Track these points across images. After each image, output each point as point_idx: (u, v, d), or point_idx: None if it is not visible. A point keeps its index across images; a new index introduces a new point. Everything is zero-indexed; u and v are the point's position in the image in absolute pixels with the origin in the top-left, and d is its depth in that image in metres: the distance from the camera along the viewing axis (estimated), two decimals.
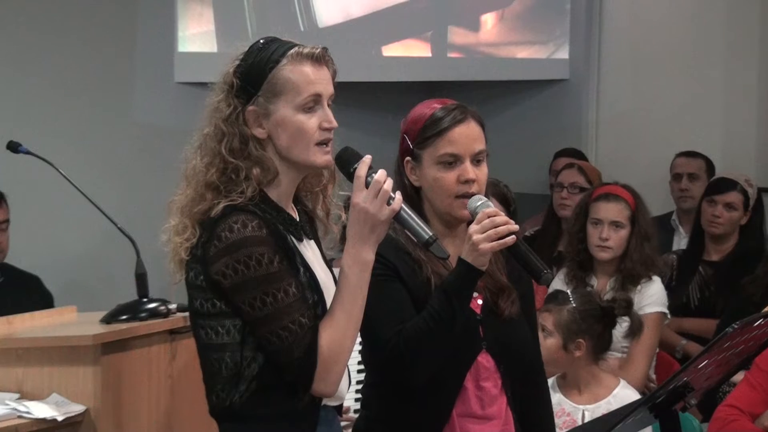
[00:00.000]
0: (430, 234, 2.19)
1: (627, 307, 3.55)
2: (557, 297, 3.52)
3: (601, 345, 3.46)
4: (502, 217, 2.36)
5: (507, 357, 2.50)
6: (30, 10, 4.97)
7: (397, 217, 2.17)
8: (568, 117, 6.08)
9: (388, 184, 2.15)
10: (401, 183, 2.51)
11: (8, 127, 4.52)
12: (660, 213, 5.19)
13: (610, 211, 3.98)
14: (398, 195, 2.17)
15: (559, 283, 4.08)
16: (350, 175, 2.18)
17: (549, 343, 3.37)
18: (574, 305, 3.44)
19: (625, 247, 3.95)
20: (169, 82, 5.15)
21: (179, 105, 4.99)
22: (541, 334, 3.34)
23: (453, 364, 2.44)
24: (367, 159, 2.18)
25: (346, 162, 2.21)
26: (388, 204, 2.15)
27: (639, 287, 3.92)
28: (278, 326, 2.10)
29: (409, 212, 2.19)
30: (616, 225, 3.96)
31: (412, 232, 2.20)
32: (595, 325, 3.43)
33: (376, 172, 2.16)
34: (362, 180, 2.15)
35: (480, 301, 2.51)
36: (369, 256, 2.16)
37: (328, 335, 2.13)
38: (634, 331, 3.72)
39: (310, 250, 2.25)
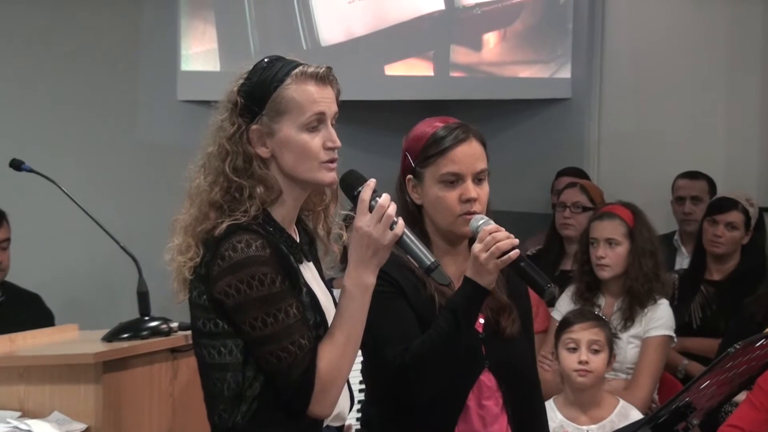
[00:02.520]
0: (432, 260, 2.19)
1: None
2: (585, 314, 3.54)
3: None
4: (503, 233, 2.37)
5: (509, 376, 2.51)
6: (34, 28, 4.99)
7: (400, 242, 2.18)
8: (570, 136, 6.08)
9: (392, 208, 2.15)
10: (403, 201, 2.51)
11: (11, 144, 4.53)
12: (662, 232, 5.18)
13: (604, 229, 3.99)
14: (401, 220, 2.17)
15: (566, 302, 4.08)
16: (354, 198, 2.19)
17: (602, 359, 3.42)
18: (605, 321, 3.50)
19: (624, 264, 3.96)
20: (172, 100, 5.16)
21: (182, 123, 5.00)
22: (585, 350, 3.37)
23: (456, 382, 2.44)
24: (372, 183, 2.18)
25: (350, 185, 2.21)
26: (391, 229, 2.15)
27: (646, 310, 3.92)
28: (278, 347, 2.10)
29: (412, 237, 2.19)
30: (610, 243, 3.97)
31: (414, 257, 2.20)
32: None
33: (380, 196, 2.16)
34: (366, 204, 2.16)
35: (482, 320, 2.51)
36: (370, 279, 2.16)
37: (326, 357, 2.13)
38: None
39: (309, 272, 2.26)
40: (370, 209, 2.15)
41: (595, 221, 4.07)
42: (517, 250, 2.35)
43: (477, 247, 2.36)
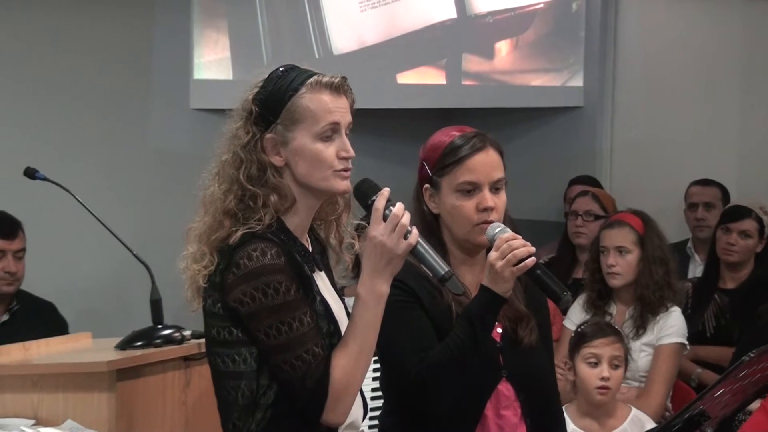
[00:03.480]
0: (446, 269, 2.19)
1: None
2: (604, 328, 3.54)
3: None
4: (520, 240, 2.37)
5: (527, 385, 2.50)
6: (46, 35, 5.00)
7: (414, 251, 2.18)
8: (582, 144, 6.08)
9: (406, 218, 2.16)
10: (420, 210, 2.51)
11: (25, 153, 4.54)
12: (675, 240, 5.17)
13: (613, 237, 4.00)
14: (415, 230, 2.17)
15: (578, 311, 4.08)
16: (368, 207, 2.19)
17: (621, 374, 3.45)
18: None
19: (635, 272, 3.95)
20: (185, 108, 5.17)
21: (195, 131, 5.01)
22: (607, 366, 3.37)
23: (474, 392, 2.44)
24: (386, 191, 2.19)
25: (364, 194, 2.21)
26: (405, 238, 2.15)
27: (658, 318, 3.91)
28: (292, 355, 2.11)
29: (426, 247, 2.20)
30: (620, 250, 3.97)
31: (428, 266, 2.20)
32: None
33: (394, 205, 2.16)
34: (380, 213, 2.16)
35: (500, 329, 2.51)
36: (384, 288, 2.16)
37: (340, 366, 2.13)
38: None
39: (322, 281, 2.26)
40: (384, 218, 2.15)
41: (605, 229, 4.07)
42: (533, 258, 2.35)
43: (493, 255, 2.36)
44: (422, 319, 2.43)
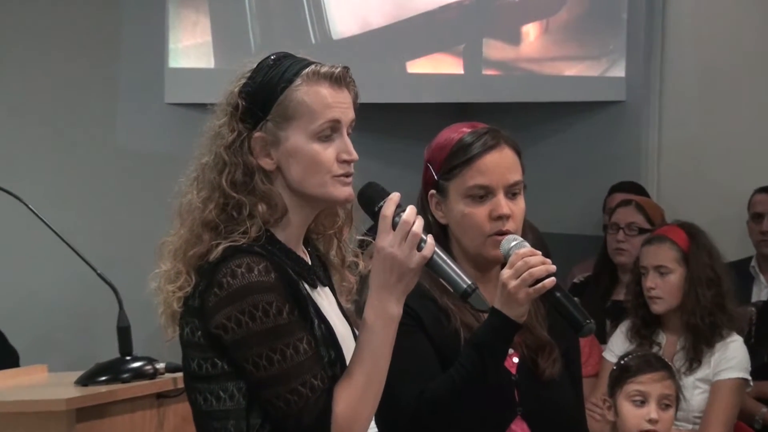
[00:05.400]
0: (469, 283, 2.18)
1: None
2: (651, 361, 3.54)
3: None
4: (538, 257, 2.37)
5: (546, 425, 2.50)
6: None
7: (430, 263, 2.18)
8: (624, 145, 6.09)
9: (419, 225, 2.16)
10: (425, 220, 2.51)
11: None
12: (736, 258, 5.17)
13: (652, 255, 4.01)
14: (430, 238, 2.17)
15: (620, 340, 4.09)
16: (375, 215, 2.19)
17: (671, 416, 3.45)
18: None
19: (679, 295, 3.96)
20: (158, 103, 5.19)
21: (170, 129, 5.03)
22: (656, 407, 3.38)
23: (482, 431, 2.43)
24: (395, 196, 2.19)
25: (370, 200, 2.22)
26: (419, 249, 2.15)
27: (715, 349, 3.91)
28: (286, 389, 2.10)
29: (444, 257, 2.19)
30: (660, 271, 3.98)
31: (448, 280, 2.20)
32: None
33: (404, 211, 2.17)
34: (389, 221, 2.16)
35: (516, 360, 2.51)
36: (395, 309, 2.16)
37: (344, 400, 2.13)
38: None
39: (325, 299, 2.26)
40: (394, 227, 2.16)
41: (645, 246, 4.08)
42: (552, 279, 2.35)
43: (506, 272, 2.37)
44: (424, 345, 2.44)
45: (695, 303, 3.92)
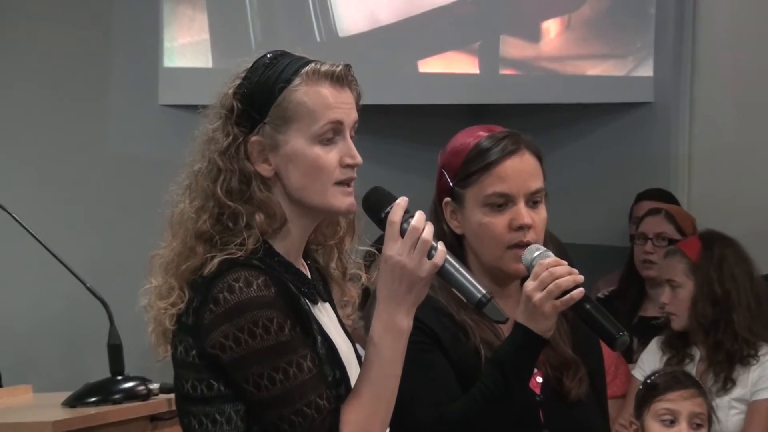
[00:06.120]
0: (484, 292, 2.19)
1: None
2: (680, 378, 3.54)
3: None
4: (564, 267, 2.38)
5: None
6: None
7: (441, 272, 2.18)
8: (653, 150, 6.08)
9: (428, 231, 2.16)
10: (439, 230, 2.52)
11: None
12: None
13: (665, 268, 4.04)
14: (441, 245, 2.17)
15: (652, 357, 4.09)
16: (381, 222, 2.19)
17: None
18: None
19: (689, 310, 3.97)
20: (152, 104, 5.20)
21: (165, 133, 5.03)
22: (686, 426, 3.37)
23: None
24: (402, 201, 2.19)
25: (375, 205, 2.22)
26: (429, 257, 2.15)
27: (753, 367, 3.91)
28: (290, 410, 2.10)
29: (456, 265, 2.19)
30: (672, 284, 4.00)
31: (461, 290, 2.20)
32: None
33: (413, 216, 2.17)
34: (396, 227, 2.16)
35: (540, 379, 2.52)
36: (405, 322, 2.16)
37: (352, 422, 2.13)
38: None
39: (325, 315, 2.26)
40: (402, 233, 2.16)
41: (663, 258, 4.10)
42: (581, 289, 2.36)
43: (530, 284, 2.37)
44: (442, 364, 2.44)
45: (703, 318, 3.94)
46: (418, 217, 2.17)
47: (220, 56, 5.22)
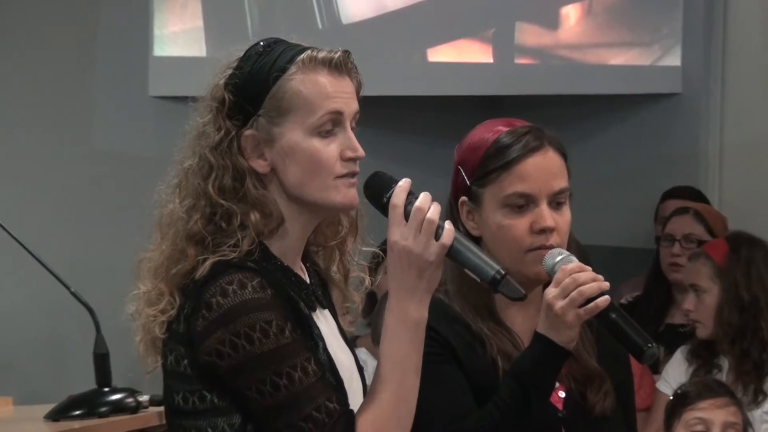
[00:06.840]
0: (498, 268, 2.18)
1: None
2: (713, 386, 3.55)
3: None
4: (588, 273, 2.38)
5: None
6: None
7: (451, 252, 2.17)
8: (680, 144, 6.08)
9: (434, 211, 2.15)
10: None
11: None
12: None
13: (689, 272, 4.06)
14: (448, 224, 2.17)
15: (678, 368, 4.10)
16: (384, 208, 2.19)
17: None
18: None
19: (715, 317, 3.98)
20: (141, 96, 5.20)
21: (155, 126, 5.05)
22: None
23: None
24: (405, 183, 2.19)
25: (377, 190, 2.22)
26: (437, 238, 2.15)
27: None
28: (299, 416, 2.10)
29: (466, 244, 2.19)
30: (696, 290, 4.00)
31: (473, 268, 2.19)
32: None
33: (417, 198, 2.17)
34: (400, 211, 2.16)
35: (562, 393, 2.52)
36: (418, 312, 2.16)
37: (369, 422, 2.13)
38: None
39: (324, 323, 2.26)
40: (406, 217, 2.16)
41: (687, 261, 4.12)
42: (606, 297, 2.36)
43: (552, 292, 2.37)
44: (456, 377, 2.44)
45: (726, 327, 3.94)
46: (423, 197, 2.17)
47: (215, 44, 5.23)
